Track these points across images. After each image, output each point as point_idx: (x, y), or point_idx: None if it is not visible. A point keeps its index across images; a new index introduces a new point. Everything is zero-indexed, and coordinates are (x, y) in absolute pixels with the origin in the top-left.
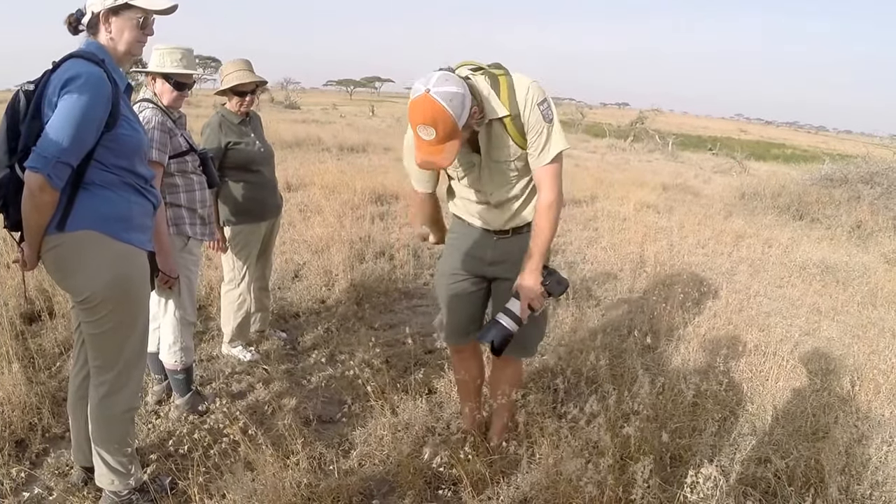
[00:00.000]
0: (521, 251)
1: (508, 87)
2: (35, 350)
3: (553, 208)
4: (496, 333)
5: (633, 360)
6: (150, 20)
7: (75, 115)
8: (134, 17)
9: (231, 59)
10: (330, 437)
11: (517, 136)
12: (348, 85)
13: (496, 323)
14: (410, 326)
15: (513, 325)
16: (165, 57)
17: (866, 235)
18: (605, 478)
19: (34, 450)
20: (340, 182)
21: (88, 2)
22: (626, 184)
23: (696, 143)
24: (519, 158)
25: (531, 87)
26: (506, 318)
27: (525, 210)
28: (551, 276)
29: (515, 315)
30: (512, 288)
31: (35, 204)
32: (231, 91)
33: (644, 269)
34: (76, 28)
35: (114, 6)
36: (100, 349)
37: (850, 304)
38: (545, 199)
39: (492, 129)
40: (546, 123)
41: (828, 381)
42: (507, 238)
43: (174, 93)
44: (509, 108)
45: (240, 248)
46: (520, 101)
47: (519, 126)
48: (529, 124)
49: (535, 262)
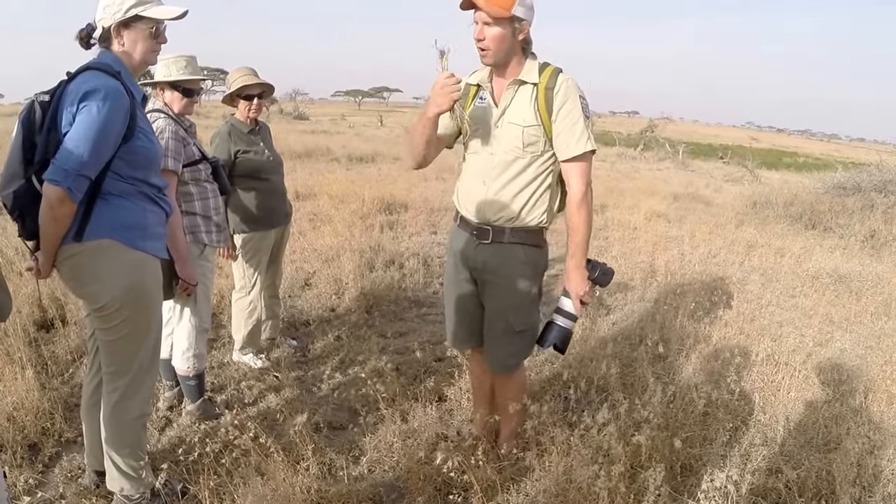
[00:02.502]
0: (501, 261)
1: (554, 70)
2: (48, 357)
3: (584, 206)
4: (556, 335)
5: (643, 368)
6: (163, 28)
7: (95, 129)
8: (146, 28)
9: (237, 67)
10: (340, 444)
11: (543, 109)
12: (357, 95)
13: (552, 325)
14: (420, 335)
15: (569, 324)
16: (171, 66)
17: (880, 245)
18: (617, 486)
19: (47, 454)
20: (349, 192)
21: (98, 16)
22: (637, 193)
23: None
24: (532, 132)
25: (574, 81)
26: (561, 318)
27: (516, 205)
28: (597, 269)
29: (569, 313)
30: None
31: (54, 216)
32: (237, 95)
33: (655, 278)
34: (88, 43)
35: (124, 19)
36: (114, 356)
37: (863, 314)
38: (575, 195)
39: (519, 91)
40: (583, 116)
41: (840, 392)
42: (487, 244)
43: (184, 100)
44: (546, 82)
45: (250, 256)
46: (559, 81)
47: (549, 101)
48: (563, 105)
49: (577, 260)
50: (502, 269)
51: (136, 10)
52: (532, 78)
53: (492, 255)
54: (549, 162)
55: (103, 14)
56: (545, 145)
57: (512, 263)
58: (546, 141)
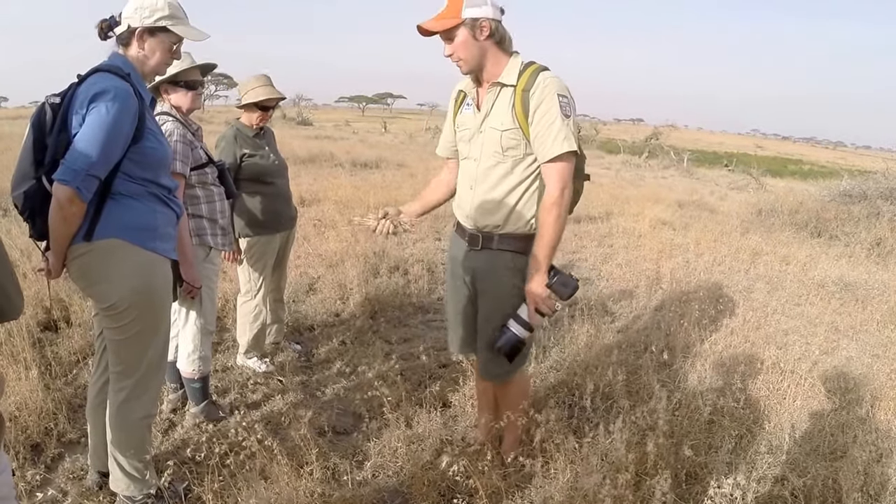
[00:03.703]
0: (489, 268)
1: (534, 70)
2: (52, 357)
3: (555, 208)
4: (505, 340)
5: (649, 376)
6: (181, 46)
7: (104, 130)
8: (168, 41)
9: (253, 75)
10: (344, 449)
11: (520, 112)
12: (361, 101)
13: (505, 329)
14: (425, 340)
15: (522, 331)
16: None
17: (886, 253)
18: (623, 493)
19: (49, 454)
20: (354, 197)
21: (126, 14)
22: (641, 200)
23: (711, 160)
24: (510, 136)
25: (555, 80)
26: (515, 324)
27: (503, 211)
28: (556, 277)
29: (524, 320)
30: (487, 300)
31: (63, 216)
32: (255, 105)
33: (660, 285)
34: (106, 34)
35: (152, 27)
36: (121, 355)
37: (869, 322)
38: (548, 196)
39: (500, 95)
40: (561, 116)
41: (846, 401)
42: (477, 251)
43: (189, 93)
44: (524, 84)
45: (255, 260)
46: (538, 82)
47: (526, 102)
48: (538, 106)
49: (537, 264)
50: (491, 275)
51: (165, 21)
52: (510, 80)
53: (482, 261)
54: (534, 166)
55: (132, 14)
56: (526, 148)
57: (500, 270)
58: (527, 144)
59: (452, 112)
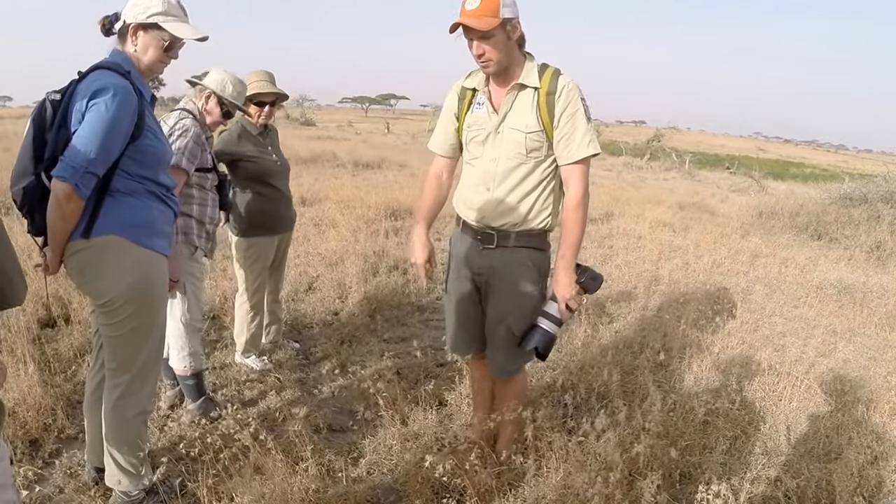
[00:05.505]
0: (505, 266)
1: (553, 73)
2: (51, 354)
3: (580, 207)
4: (539, 339)
5: (644, 376)
6: (178, 45)
7: (103, 127)
8: (160, 38)
9: (254, 70)
10: (339, 446)
11: (545, 113)
12: (363, 102)
13: (536, 328)
14: (422, 339)
15: (554, 328)
16: (228, 84)
17: (886, 256)
18: (613, 493)
19: (47, 449)
20: (355, 197)
21: (125, 10)
22: (642, 202)
23: (713, 162)
24: (535, 138)
25: (574, 83)
26: (546, 321)
27: (522, 210)
28: (585, 273)
29: (554, 317)
30: (502, 298)
31: (62, 212)
32: (249, 100)
33: (658, 286)
34: (109, 31)
35: (144, 22)
36: (117, 352)
37: (867, 325)
38: (573, 197)
39: (519, 96)
40: (586, 120)
41: (842, 403)
42: (492, 249)
43: (220, 118)
44: (548, 86)
45: (253, 261)
46: (559, 85)
47: (551, 105)
48: (565, 109)
49: (567, 261)
50: (507, 272)
51: (157, 18)
52: (532, 81)
53: (497, 259)
54: (553, 166)
55: (129, 10)
56: (548, 150)
57: (516, 267)
58: (549, 146)
59: (458, 110)
